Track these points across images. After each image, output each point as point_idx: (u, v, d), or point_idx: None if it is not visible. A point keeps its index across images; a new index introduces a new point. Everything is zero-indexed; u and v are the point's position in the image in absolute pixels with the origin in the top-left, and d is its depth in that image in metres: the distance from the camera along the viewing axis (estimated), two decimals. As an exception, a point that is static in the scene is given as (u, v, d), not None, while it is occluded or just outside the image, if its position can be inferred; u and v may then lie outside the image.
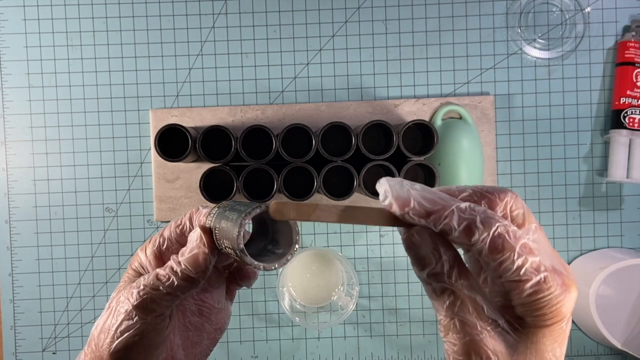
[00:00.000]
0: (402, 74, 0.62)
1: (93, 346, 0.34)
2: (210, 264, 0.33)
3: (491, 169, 0.61)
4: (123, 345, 0.33)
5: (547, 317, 0.26)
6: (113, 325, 0.33)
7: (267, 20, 0.61)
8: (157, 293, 0.32)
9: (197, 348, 0.38)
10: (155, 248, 0.36)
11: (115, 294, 0.35)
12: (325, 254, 0.60)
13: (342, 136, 0.53)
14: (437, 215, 0.26)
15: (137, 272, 0.36)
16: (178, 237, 0.36)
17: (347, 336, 0.62)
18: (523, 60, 0.62)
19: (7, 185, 0.61)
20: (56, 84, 0.61)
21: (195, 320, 0.38)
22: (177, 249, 0.35)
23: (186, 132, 0.53)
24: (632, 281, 0.58)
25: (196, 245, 0.33)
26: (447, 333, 0.28)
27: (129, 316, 0.33)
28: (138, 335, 0.33)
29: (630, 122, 0.59)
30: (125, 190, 0.62)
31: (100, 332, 0.34)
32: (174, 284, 0.32)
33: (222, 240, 0.31)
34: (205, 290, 0.39)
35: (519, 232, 0.26)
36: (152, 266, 0.35)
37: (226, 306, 0.40)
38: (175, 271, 0.32)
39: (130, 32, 0.61)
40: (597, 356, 0.62)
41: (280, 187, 0.53)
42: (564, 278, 0.25)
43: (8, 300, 0.61)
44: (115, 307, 0.34)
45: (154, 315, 0.33)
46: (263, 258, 0.31)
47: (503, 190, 0.27)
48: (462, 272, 0.27)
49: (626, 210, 0.62)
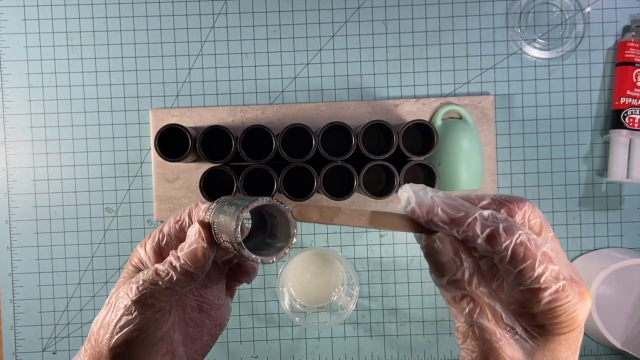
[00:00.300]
0: (402, 74, 0.62)
1: (93, 342, 0.34)
2: (209, 258, 0.33)
3: (491, 169, 0.61)
4: (122, 341, 0.33)
5: (564, 324, 0.26)
6: (112, 321, 0.33)
7: (267, 20, 0.61)
8: (156, 288, 0.33)
9: (197, 344, 0.39)
10: (155, 244, 0.36)
11: (115, 290, 0.35)
12: (325, 254, 0.60)
13: (342, 136, 0.53)
14: (461, 222, 0.27)
15: (136, 267, 0.36)
16: (177, 232, 0.36)
17: (347, 336, 0.62)
18: (523, 60, 0.62)
19: (7, 185, 0.61)
20: (56, 84, 0.61)
21: (195, 316, 0.39)
22: (176, 244, 0.35)
23: (186, 132, 0.53)
24: (632, 281, 0.58)
25: (195, 240, 0.33)
26: (465, 340, 0.29)
27: (129, 311, 0.33)
28: (137, 330, 0.33)
29: (630, 122, 0.59)
30: (125, 190, 0.62)
31: (99, 328, 0.34)
32: (173, 279, 0.32)
33: (221, 234, 0.32)
34: (205, 286, 0.39)
35: (540, 240, 0.26)
36: (152, 262, 0.35)
37: (226, 302, 0.40)
38: (174, 266, 0.33)
39: (130, 32, 0.61)
40: (597, 356, 0.62)
41: (280, 187, 0.53)
42: (580, 287, 0.26)
43: (8, 300, 0.61)
44: (115, 302, 0.34)
45: (153, 310, 0.33)
46: (261, 252, 0.31)
47: (521, 199, 0.28)
48: (482, 280, 0.28)
49: (626, 210, 0.62)
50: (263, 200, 0.30)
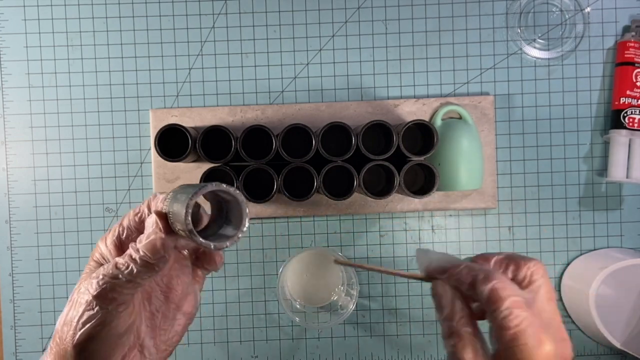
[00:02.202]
0: (402, 74, 0.62)
1: (57, 339, 0.34)
2: (168, 248, 0.33)
3: (491, 169, 0.61)
4: (86, 336, 0.33)
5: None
6: (75, 317, 0.33)
7: (267, 20, 0.61)
8: (117, 282, 0.33)
9: (166, 335, 0.38)
10: (115, 238, 0.36)
11: (77, 286, 0.35)
12: (325, 254, 0.60)
13: (342, 136, 0.53)
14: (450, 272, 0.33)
15: (98, 262, 0.36)
16: (137, 225, 0.36)
17: (347, 336, 0.62)
18: (523, 60, 0.62)
19: (7, 185, 0.61)
20: (56, 84, 0.61)
21: (161, 307, 0.38)
22: (136, 237, 0.35)
23: (186, 132, 0.53)
24: (632, 281, 0.58)
25: (153, 230, 0.33)
26: None
27: (90, 307, 0.33)
28: (100, 325, 0.33)
29: (630, 122, 0.59)
30: (125, 190, 0.62)
31: (63, 325, 0.34)
32: (134, 272, 0.32)
33: (176, 223, 0.32)
34: (170, 277, 0.39)
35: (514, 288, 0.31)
36: (113, 256, 0.36)
37: (194, 291, 0.40)
38: (134, 258, 0.33)
39: (130, 32, 0.61)
40: (597, 356, 0.62)
41: (280, 187, 0.53)
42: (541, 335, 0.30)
43: (8, 300, 0.61)
44: (77, 298, 0.34)
45: (115, 304, 0.33)
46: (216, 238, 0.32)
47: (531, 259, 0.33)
48: (469, 322, 0.33)
49: (626, 210, 0.62)
50: (212, 186, 0.31)
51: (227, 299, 0.62)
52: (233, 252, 0.62)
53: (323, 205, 0.60)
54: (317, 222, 0.62)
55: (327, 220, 0.62)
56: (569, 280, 0.61)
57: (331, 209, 0.60)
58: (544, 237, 0.62)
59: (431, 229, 0.62)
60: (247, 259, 0.62)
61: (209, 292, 0.62)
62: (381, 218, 0.62)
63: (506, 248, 0.62)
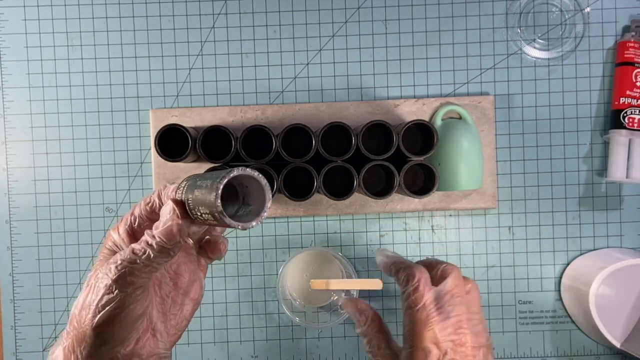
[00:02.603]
0: (402, 74, 0.62)
1: (75, 323, 0.35)
2: (183, 234, 0.34)
3: (491, 169, 0.61)
4: (105, 319, 0.34)
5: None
6: (94, 301, 0.34)
7: (267, 20, 0.61)
8: (135, 266, 0.34)
9: (175, 319, 0.41)
10: (127, 226, 0.38)
11: (93, 272, 0.36)
12: (325, 254, 0.60)
13: (342, 136, 0.54)
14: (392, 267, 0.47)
15: (111, 250, 0.38)
16: (148, 214, 0.38)
17: (347, 336, 0.62)
18: (523, 60, 0.62)
19: (8, 185, 0.61)
20: (56, 84, 0.61)
21: (170, 292, 0.41)
22: (147, 225, 0.37)
23: (186, 132, 0.53)
24: (632, 281, 0.58)
25: (170, 217, 0.34)
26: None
27: (109, 290, 0.34)
28: (119, 308, 0.34)
29: (630, 122, 0.59)
30: (125, 190, 0.62)
31: (81, 309, 0.35)
32: (151, 256, 0.34)
33: (198, 208, 0.33)
34: (179, 264, 0.41)
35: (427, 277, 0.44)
36: (126, 244, 0.37)
37: (199, 278, 0.43)
38: (150, 244, 0.34)
39: (131, 32, 0.61)
40: (597, 356, 0.62)
41: (280, 187, 0.53)
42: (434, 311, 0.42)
43: (8, 300, 0.61)
44: (95, 283, 0.35)
45: (134, 287, 0.34)
46: (240, 219, 0.33)
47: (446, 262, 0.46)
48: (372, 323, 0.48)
49: (626, 210, 0.62)
50: (239, 170, 0.32)
51: (227, 299, 0.62)
52: (233, 252, 0.62)
53: (323, 205, 0.60)
54: (317, 222, 0.62)
55: (327, 220, 0.62)
56: (568, 280, 0.61)
57: (331, 209, 0.60)
58: (543, 237, 0.62)
59: (431, 229, 0.62)
60: (247, 259, 0.62)
61: (209, 292, 0.62)
62: (381, 218, 0.62)
63: (506, 248, 0.62)
